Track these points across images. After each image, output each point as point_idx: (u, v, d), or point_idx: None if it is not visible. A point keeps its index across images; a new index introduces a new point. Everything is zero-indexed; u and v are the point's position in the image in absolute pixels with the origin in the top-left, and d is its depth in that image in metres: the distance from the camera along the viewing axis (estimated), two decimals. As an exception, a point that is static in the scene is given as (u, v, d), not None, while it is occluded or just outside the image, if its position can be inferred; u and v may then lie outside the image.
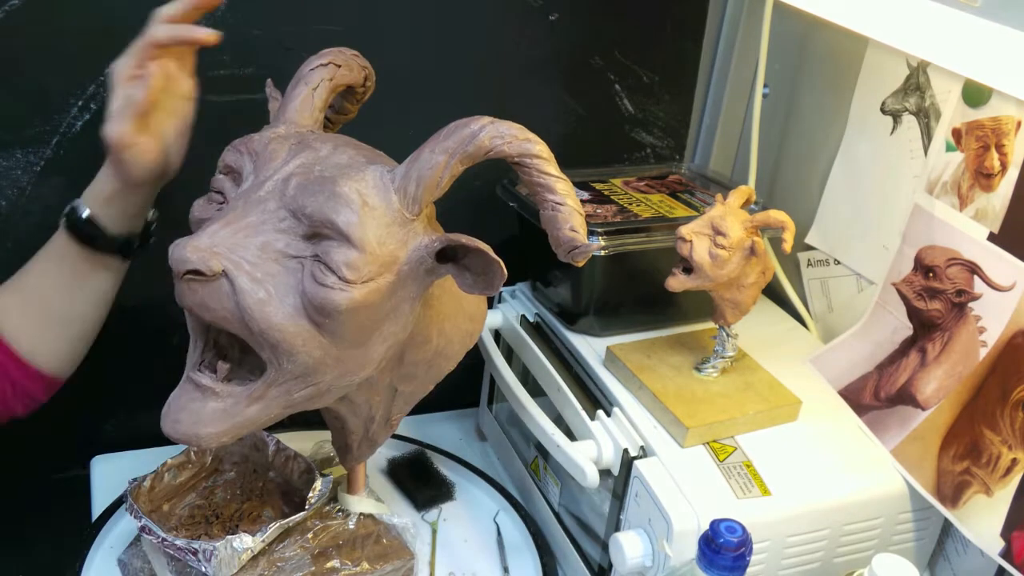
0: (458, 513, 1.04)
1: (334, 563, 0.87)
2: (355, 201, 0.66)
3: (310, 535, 0.88)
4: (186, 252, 0.64)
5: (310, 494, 0.88)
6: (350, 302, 0.66)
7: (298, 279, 0.66)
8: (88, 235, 0.83)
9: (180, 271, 0.64)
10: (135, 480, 0.88)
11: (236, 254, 0.65)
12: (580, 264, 0.74)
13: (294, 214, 0.67)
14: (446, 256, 0.71)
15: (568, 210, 0.71)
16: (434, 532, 1.00)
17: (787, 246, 0.82)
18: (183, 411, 0.69)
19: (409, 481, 1.06)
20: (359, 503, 0.92)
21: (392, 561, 0.90)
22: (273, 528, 0.84)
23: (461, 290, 0.70)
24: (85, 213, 0.83)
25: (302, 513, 0.86)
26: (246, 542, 0.82)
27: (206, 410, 0.69)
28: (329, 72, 0.79)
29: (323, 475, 0.90)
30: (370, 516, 0.92)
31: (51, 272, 0.85)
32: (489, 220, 0.99)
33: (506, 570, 0.97)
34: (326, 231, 0.66)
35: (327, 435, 0.92)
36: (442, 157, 0.68)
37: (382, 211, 0.67)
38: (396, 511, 0.96)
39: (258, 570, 0.84)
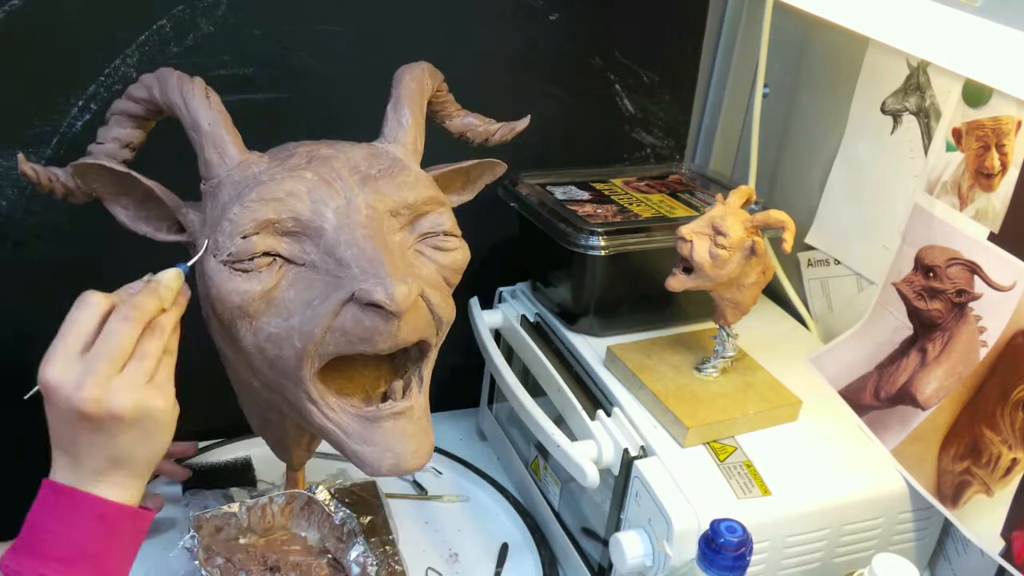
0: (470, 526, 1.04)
1: (374, 521, 0.93)
2: (421, 173, 0.73)
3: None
4: (403, 288, 0.63)
5: (330, 507, 0.90)
6: (468, 251, 0.75)
7: (427, 261, 0.72)
8: None
9: (407, 306, 0.64)
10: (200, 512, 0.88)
11: (409, 269, 0.69)
12: (508, 139, 0.86)
13: (393, 212, 0.70)
14: None
15: (473, 113, 0.86)
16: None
17: (787, 246, 0.82)
18: (408, 440, 0.70)
19: (225, 480, 1.05)
20: (321, 490, 0.93)
21: (382, 495, 0.97)
22: (361, 542, 0.88)
23: None
24: None
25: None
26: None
27: (419, 424, 0.72)
28: (216, 94, 0.74)
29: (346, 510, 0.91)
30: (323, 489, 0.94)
31: None
32: (489, 220, 0.98)
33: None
34: (426, 208, 0.72)
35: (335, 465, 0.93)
36: (421, 114, 0.78)
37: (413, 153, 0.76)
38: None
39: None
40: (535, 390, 0.96)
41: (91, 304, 0.62)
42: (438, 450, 1.11)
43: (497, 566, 0.97)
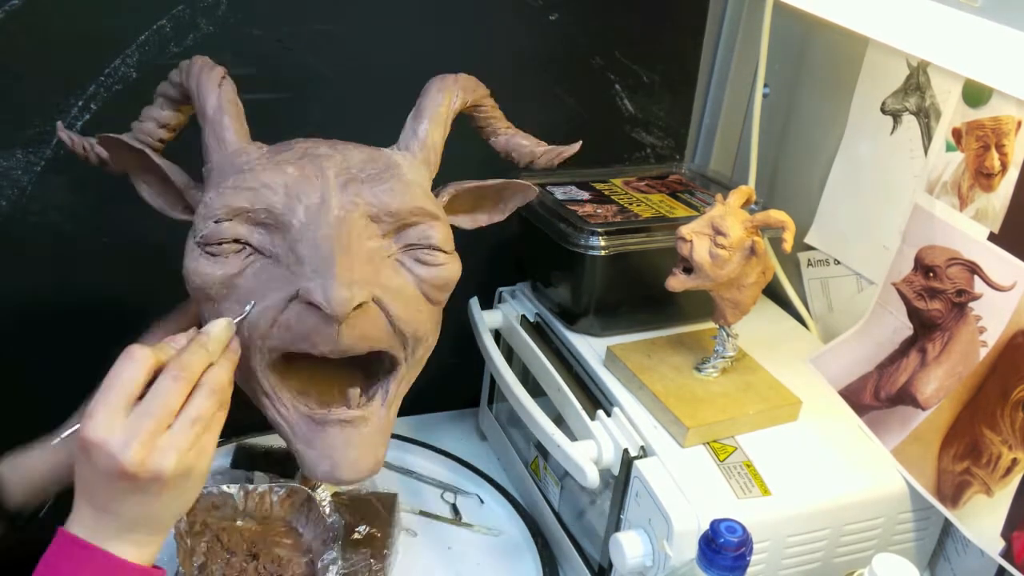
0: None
1: (375, 534, 0.91)
2: (419, 184, 0.72)
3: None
4: (343, 292, 0.63)
5: (326, 508, 0.88)
6: (460, 269, 0.74)
7: (405, 272, 0.71)
8: None
9: (346, 311, 0.64)
10: None
11: (367, 275, 0.67)
12: (555, 166, 0.85)
13: (374, 218, 0.69)
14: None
15: (522, 132, 0.85)
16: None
17: (787, 246, 0.82)
18: (349, 450, 0.69)
19: (268, 465, 1.02)
20: (324, 489, 0.92)
21: (397, 510, 0.95)
22: (336, 548, 0.85)
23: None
24: None
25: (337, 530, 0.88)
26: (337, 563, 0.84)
27: (367, 438, 0.70)
28: (232, 84, 0.76)
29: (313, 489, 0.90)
30: (337, 494, 0.92)
31: None
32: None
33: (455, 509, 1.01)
34: (414, 219, 0.70)
35: (244, 440, 0.97)
36: (441, 128, 0.76)
37: (426, 183, 0.73)
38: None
39: None
40: (535, 390, 0.96)
41: (137, 359, 0.60)
42: (439, 450, 1.11)
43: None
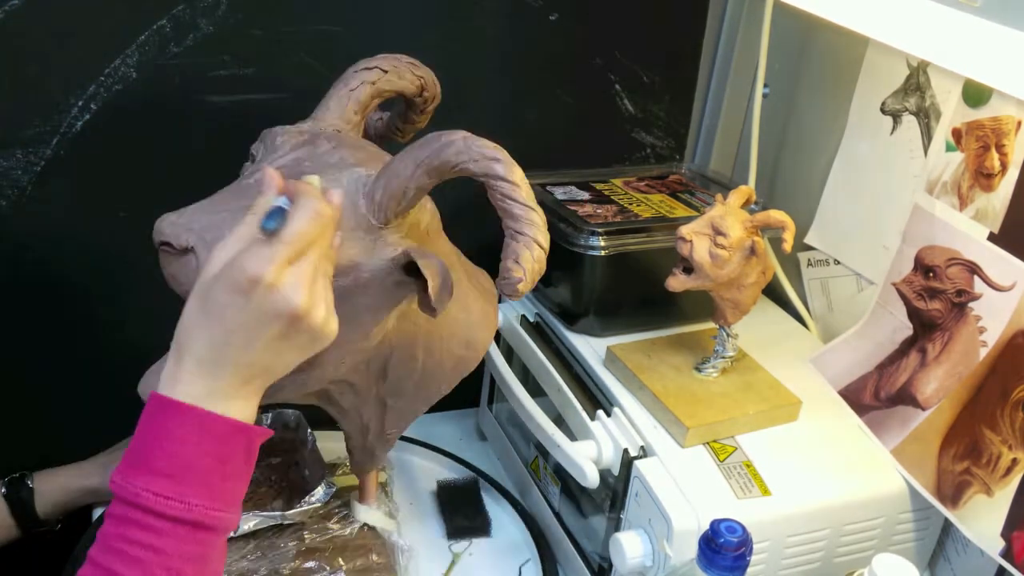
0: (485, 551, 1.00)
1: (311, 564, 0.87)
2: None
3: (306, 532, 0.88)
4: (162, 224, 0.69)
5: (307, 497, 0.88)
6: None
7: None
8: (16, 500, 0.92)
9: (156, 241, 0.70)
10: None
11: (210, 234, 0.67)
12: (510, 297, 0.68)
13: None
14: (416, 270, 0.68)
15: (524, 240, 0.66)
16: (453, 562, 0.97)
17: (787, 246, 0.82)
18: None
19: (450, 506, 1.03)
20: (367, 513, 0.91)
21: None
22: (252, 523, 0.87)
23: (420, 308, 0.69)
24: (30, 483, 0.93)
25: (281, 516, 0.88)
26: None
27: None
28: (372, 76, 0.78)
29: (330, 484, 0.90)
30: (373, 529, 0.91)
31: None
32: (490, 220, 0.98)
33: None
34: None
35: None
36: (411, 168, 0.66)
37: (346, 215, 0.67)
38: (423, 532, 0.96)
39: (245, 550, 0.86)
40: (535, 390, 0.96)
41: (316, 222, 0.60)
42: (439, 450, 1.11)
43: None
